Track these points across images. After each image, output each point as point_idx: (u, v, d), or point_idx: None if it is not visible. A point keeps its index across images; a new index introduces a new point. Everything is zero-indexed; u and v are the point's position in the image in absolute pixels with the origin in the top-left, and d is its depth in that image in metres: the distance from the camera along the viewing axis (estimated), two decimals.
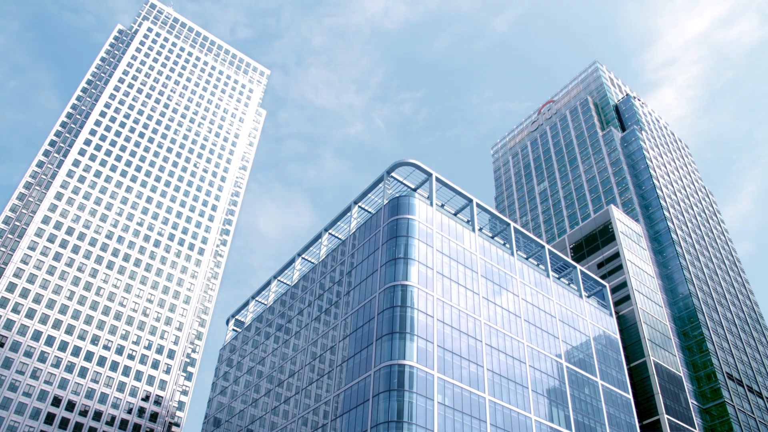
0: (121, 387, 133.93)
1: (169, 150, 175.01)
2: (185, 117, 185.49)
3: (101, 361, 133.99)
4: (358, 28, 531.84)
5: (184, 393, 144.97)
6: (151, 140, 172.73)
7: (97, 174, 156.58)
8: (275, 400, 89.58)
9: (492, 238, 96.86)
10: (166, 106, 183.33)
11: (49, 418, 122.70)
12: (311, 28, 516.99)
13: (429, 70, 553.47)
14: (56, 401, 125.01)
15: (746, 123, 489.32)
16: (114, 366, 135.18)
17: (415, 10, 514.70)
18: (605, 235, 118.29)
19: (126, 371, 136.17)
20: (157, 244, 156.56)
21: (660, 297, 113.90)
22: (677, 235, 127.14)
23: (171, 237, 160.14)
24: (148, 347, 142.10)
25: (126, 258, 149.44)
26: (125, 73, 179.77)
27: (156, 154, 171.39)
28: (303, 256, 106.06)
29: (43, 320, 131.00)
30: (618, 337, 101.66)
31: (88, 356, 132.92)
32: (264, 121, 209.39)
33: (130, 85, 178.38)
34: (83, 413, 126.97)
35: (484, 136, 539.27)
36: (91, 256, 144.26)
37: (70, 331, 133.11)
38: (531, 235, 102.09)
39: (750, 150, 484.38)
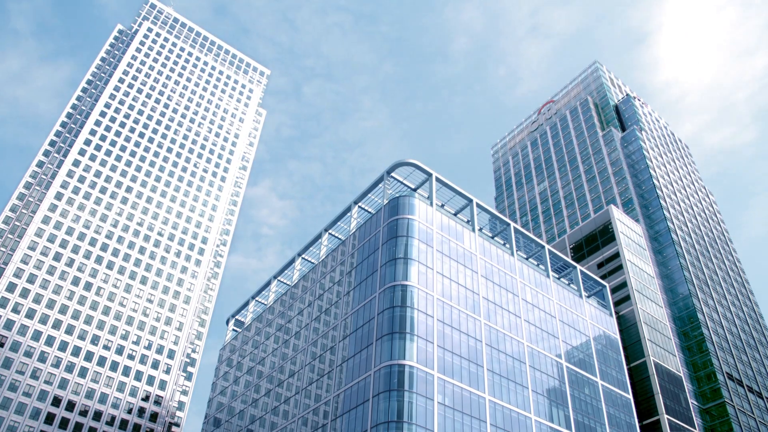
0: (121, 387, 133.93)
1: (169, 150, 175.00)
2: (185, 117, 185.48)
3: (101, 361, 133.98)
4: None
5: (184, 393, 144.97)
6: (151, 140, 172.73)
7: (97, 174, 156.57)
8: (275, 400, 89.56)
9: (492, 238, 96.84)
10: (166, 106, 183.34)
11: (49, 418, 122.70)
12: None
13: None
14: (56, 401, 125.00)
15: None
16: (114, 366, 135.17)
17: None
18: (605, 235, 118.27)
19: (126, 371, 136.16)
20: (157, 244, 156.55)
21: (660, 297, 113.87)
22: (677, 235, 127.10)
23: (171, 237, 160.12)
24: (148, 347, 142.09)
25: (126, 258, 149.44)
26: (125, 73, 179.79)
27: (156, 154, 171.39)
28: (303, 256, 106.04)
29: (43, 320, 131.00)
30: (618, 337, 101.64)
31: (88, 356, 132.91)
32: (264, 121, 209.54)
33: (130, 85, 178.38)
34: (83, 413, 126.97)
35: (484, 136, 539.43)
36: (91, 256, 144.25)
37: (70, 331, 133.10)
38: (531, 235, 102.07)
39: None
